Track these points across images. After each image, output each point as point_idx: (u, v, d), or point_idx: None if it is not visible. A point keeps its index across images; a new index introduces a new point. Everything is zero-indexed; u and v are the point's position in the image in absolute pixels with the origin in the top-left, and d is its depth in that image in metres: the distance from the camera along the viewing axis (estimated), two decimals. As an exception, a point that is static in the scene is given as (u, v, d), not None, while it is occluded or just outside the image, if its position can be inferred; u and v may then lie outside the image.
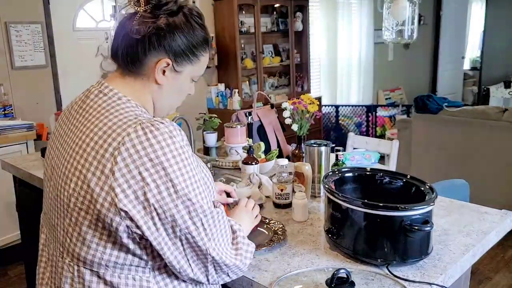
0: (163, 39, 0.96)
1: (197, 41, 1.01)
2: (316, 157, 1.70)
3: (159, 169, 0.87)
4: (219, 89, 4.73)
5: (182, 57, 1.00)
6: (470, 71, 8.81)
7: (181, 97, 1.09)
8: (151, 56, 0.98)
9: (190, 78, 1.06)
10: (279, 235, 1.34)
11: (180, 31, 0.98)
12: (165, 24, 0.96)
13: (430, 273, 1.13)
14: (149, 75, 1.00)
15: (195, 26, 1.00)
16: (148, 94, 1.02)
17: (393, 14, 2.67)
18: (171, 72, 1.01)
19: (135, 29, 0.96)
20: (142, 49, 0.97)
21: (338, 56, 6.09)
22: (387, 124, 5.85)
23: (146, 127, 0.89)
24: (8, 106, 3.32)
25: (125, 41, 0.98)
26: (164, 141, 0.88)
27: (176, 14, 0.98)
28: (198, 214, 0.91)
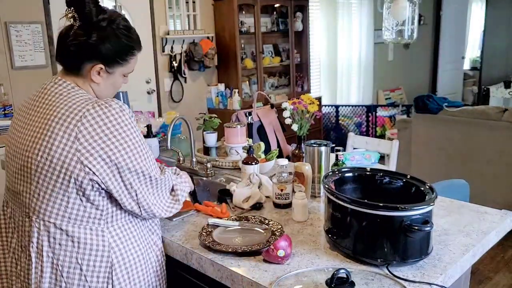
0: (95, 51, 1.20)
1: (124, 49, 1.25)
2: (316, 157, 1.70)
3: (116, 134, 1.14)
4: (219, 89, 4.73)
5: (112, 62, 1.24)
6: (470, 71, 8.81)
7: (116, 88, 1.34)
8: (87, 63, 1.21)
9: (122, 75, 1.30)
10: (277, 236, 1.33)
11: (109, 43, 1.21)
12: (96, 40, 1.19)
13: (430, 273, 1.13)
14: (86, 76, 1.24)
15: (122, 38, 1.23)
16: (88, 87, 1.26)
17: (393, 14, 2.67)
18: (105, 73, 1.25)
19: (71, 43, 1.18)
20: (78, 59, 1.21)
21: (338, 56, 6.09)
22: (387, 124, 5.85)
23: (101, 104, 1.15)
24: (8, 106, 3.32)
25: (64, 50, 1.21)
26: (116, 114, 1.15)
27: (106, 30, 1.20)
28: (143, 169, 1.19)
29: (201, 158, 2.21)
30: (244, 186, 1.67)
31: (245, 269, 1.18)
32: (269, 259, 1.20)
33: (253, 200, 1.61)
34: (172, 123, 1.98)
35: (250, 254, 1.25)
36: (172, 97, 4.50)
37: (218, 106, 4.70)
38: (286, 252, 1.19)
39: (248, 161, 1.84)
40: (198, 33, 4.52)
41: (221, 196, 1.70)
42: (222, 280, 1.22)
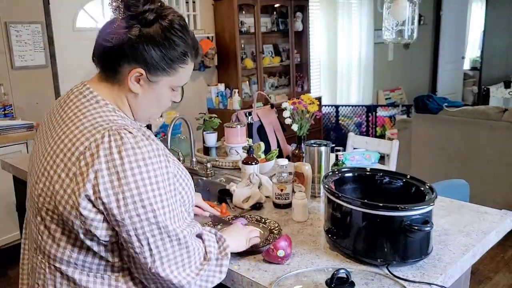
0: (134, 50, 0.95)
1: (173, 54, 0.98)
2: (316, 157, 1.70)
3: (114, 179, 0.87)
4: (219, 89, 4.73)
5: (156, 68, 0.98)
6: (470, 71, 8.81)
7: (161, 105, 1.06)
8: (124, 64, 0.97)
9: (169, 88, 1.03)
10: (275, 235, 1.34)
11: (153, 43, 0.95)
12: (137, 35, 0.94)
13: (430, 273, 1.13)
14: (124, 82, 0.99)
15: (172, 39, 0.97)
16: (125, 99, 1.01)
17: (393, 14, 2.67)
18: (146, 82, 0.99)
19: (108, 37, 0.95)
20: (113, 57, 0.97)
21: (338, 56, 6.09)
22: (387, 124, 5.85)
23: (112, 135, 0.89)
24: (8, 106, 3.32)
25: (99, 47, 0.98)
26: (125, 151, 0.88)
27: (152, 25, 0.95)
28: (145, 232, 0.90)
29: (201, 158, 2.21)
30: (244, 186, 1.67)
31: (245, 269, 1.18)
32: (269, 259, 1.20)
33: (253, 200, 1.61)
34: (172, 123, 1.98)
35: (249, 253, 1.25)
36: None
37: (218, 106, 4.69)
38: (286, 252, 1.19)
39: (248, 161, 1.84)
40: (198, 33, 4.51)
41: (221, 196, 1.70)
42: (222, 280, 1.22)
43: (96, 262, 0.95)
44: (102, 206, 0.88)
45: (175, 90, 1.06)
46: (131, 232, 0.89)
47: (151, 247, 0.91)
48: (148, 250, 0.91)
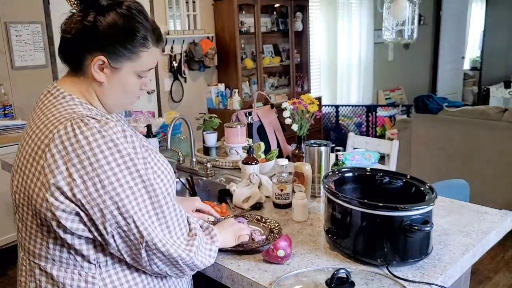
0: (93, 37, 0.95)
1: (131, 36, 0.97)
2: (316, 157, 1.70)
3: (86, 165, 0.87)
4: (219, 89, 4.73)
5: (117, 54, 0.97)
6: (470, 71, 8.81)
7: (128, 92, 1.05)
8: (86, 54, 0.97)
9: (134, 74, 1.02)
10: (275, 234, 1.34)
11: (111, 29, 0.95)
12: (93, 22, 0.95)
13: (430, 273, 1.13)
14: (88, 73, 0.99)
15: (130, 24, 0.97)
16: (92, 91, 1.02)
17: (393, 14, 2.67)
18: (109, 69, 0.99)
19: (67, 28, 0.97)
20: (74, 47, 0.98)
21: (338, 56, 6.09)
22: (387, 124, 5.85)
23: (75, 123, 0.89)
24: (8, 106, 3.32)
25: (61, 41, 1.00)
26: (92, 136, 0.88)
27: (108, 11, 0.96)
28: (128, 210, 0.90)
29: (201, 158, 2.21)
30: (244, 186, 1.67)
31: (245, 269, 1.18)
32: (269, 259, 1.20)
33: (253, 200, 1.61)
34: (172, 123, 1.98)
35: (249, 253, 1.25)
36: (172, 97, 4.50)
37: (218, 106, 4.70)
38: (286, 252, 1.19)
39: (248, 161, 1.84)
40: (198, 33, 4.52)
41: (221, 196, 1.70)
42: (222, 280, 1.22)
43: (72, 257, 0.95)
44: (80, 194, 0.87)
45: (143, 76, 1.05)
46: (114, 212, 0.89)
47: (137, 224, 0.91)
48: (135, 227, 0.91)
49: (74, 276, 0.96)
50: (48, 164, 0.88)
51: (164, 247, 0.94)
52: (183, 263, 0.98)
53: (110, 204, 0.89)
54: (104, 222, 0.90)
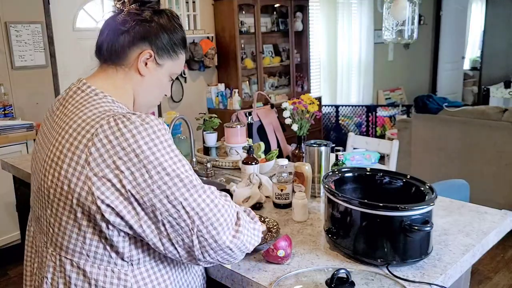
0: (147, 31, 1.03)
1: (177, 39, 1.08)
2: (316, 157, 1.70)
3: (132, 156, 0.89)
4: (219, 89, 4.73)
5: (163, 51, 1.06)
6: (470, 71, 8.81)
7: (161, 92, 1.14)
8: (135, 47, 1.04)
9: (168, 75, 1.12)
10: (273, 233, 1.33)
11: (162, 27, 1.05)
12: (150, 17, 1.04)
13: (430, 273, 1.13)
14: (132, 65, 1.05)
15: (175, 25, 1.08)
16: (129, 86, 1.07)
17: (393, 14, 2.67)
18: (153, 63, 1.06)
19: (122, 20, 1.03)
20: (127, 39, 1.03)
21: (338, 56, 6.09)
22: (387, 124, 5.85)
23: (118, 118, 0.92)
24: (8, 106, 3.32)
25: (111, 33, 1.04)
26: (135, 129, 0.91)
27: (160, 12, 1.06)
28: (177, 197, 0.91)
29: (201, 158, 2.21)
30: (244, 186, 1.67)
31: (245, 269, 1.18)
32: (269, 259, 1.20)
33: (253, 200, 1.61)
34: (172, 123, 1.98)
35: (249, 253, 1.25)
36: (172, 97, 4.50)
37: (218, 106, 4.70)
38: (286, 252, 1.19)
39: (248, 161, 1.84)
40: (198, 33, 4.52)
41: (221, 196, 1.70)
42: (222, 280, 1.22)
43: (107, 254, 0.96)
44: (130, 185, 0.89)
45: (171, 80, 1.14)
46: (164, 200, 0.91)
47: (187, 210, 0.92)
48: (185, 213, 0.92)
49: (107, 273, 0.97)
50: (93, 158, 0.90)
51: (215, 230, 0.94)
52: (236, 248, 0.99)
53: (159, 193, 0.91)
54: (155, 210, 0.91)
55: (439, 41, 7.67)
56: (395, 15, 2.65)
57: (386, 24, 2.72)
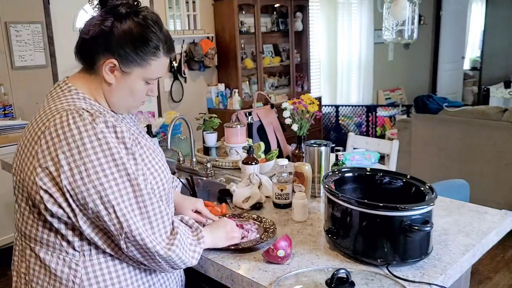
0: (108, 41, 1.01)
1: (145, 47, 1.03)
2: (316, 157, 1.70)
3: (75, 153, 0.93)
4: (219, 89, 4.73)
5: (128, 60, 1.03)
6: (470, 71, 8.81)
7: (135, 97, 1.10)
8: (100, 55, 1.03)
9: (142, 80, 1.07)
10: (269, 233, 1.34)
11: (126, 36, 1.01)
12: (110, 26, 1.00)
13: (430, 273, 1.13)
14: (99, 73, 1.05)
15: (144, 33, 1.02)
16: (101, 90, 1.07)
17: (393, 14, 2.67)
18: (119, 72, 1.04)
19: (86, 30, 1.03)
20: (90, 48, 1.03)
21: (338, 56, 6.09)
22: (387, 124, 5.85)
23: (70, 113, 0.95)
24: (8, 106, 3.32)
25: (79, 40, 1.06)
26: (83, 127, 0.94)
27: (125, 18, 1.02)
28: (111, 200, 0.94)
29: (201, 158, 2.21)
30: (244, 186, 1.67)
31: (245, 269, 1.18)
32: (269, 259, 1.20)
33: (253, 200, 1.61)
34: (172, 123, 1.98)
35: (244, 251, 1.25)
36: (172, 97, 4.50)
37: (218, 106, 4.70)
38: (286, 252, 1.19)
39: (248, 161, 1.84)
40: (198, 33, 4.52)
41: (221, 196, 1.70)
42: (222, 280, 1.22)
43: (58, 242, 1.00)
44: (66, 181, 0.93)
45: (150, 83, 1.10)
46: (97, 201, 0.93)
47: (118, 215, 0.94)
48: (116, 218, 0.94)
49: (59, 261, 1.01)
50: (41, 150, 0.94)
51: (142, 241, 0.97)
52: (161, 259, 1.01)
53: (94, 192, 0.93)
54: (87, 209, 0.94)
55: (439, 41, 7.67)
56: (395, 15, 2.65)
57: (386, 24, 2.72)
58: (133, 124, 1.20)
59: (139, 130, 1.19)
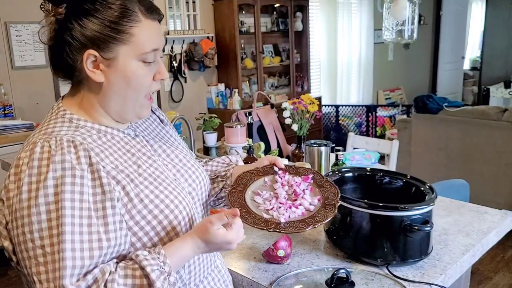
0: (70, 31, 0.83)
1: (111, 14, 0.83)
2: (316, 157, 1.70)
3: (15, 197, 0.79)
4: (219, 89, 4.73)
5: (104, 40, 0.83)
6: (470, 71, 8.81)
7: (135, 85, 0.88)
8: (74, 55, 0.85)
9: (137, 61, 0.86)
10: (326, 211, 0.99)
11: (85, 12, 0.83)
12: (65, 13, 0.84)
13: (430, 273, 1.13)
14: (85, 77, 0.87)
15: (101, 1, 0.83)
16: (93, 101, 0.89)
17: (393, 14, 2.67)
18: (104, 63, 0.85)
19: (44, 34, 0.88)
20: (60, 53, 0.86)
21: (338, 56, 6.09)
22: (387, 124, 5.85)
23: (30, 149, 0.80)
24: (8, 106, 3.32)
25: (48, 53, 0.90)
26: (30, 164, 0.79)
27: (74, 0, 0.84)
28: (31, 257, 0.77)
29: (201, 158, 2.21)
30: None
31: (245, 269, 1.18)
32: (269, 259, 1.20)
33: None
34: (172, 123, 1.98)
35: (248, 252, 1.25)
36: (172, 97, 4.50)
37: (218, 106, 4.70)
38: (286, 252, 1.19)
39: (248, 161, 1.83)
40: (198, 33, 4.52)
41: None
42: None
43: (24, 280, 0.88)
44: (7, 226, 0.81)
45: (148, 62, 0.88)
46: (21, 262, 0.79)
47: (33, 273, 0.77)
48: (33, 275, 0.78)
49: None
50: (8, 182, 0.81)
51: None
52: None
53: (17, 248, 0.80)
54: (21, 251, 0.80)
55: (439, 41, 7.67)
56: (395, 15, 2.65)
57: (386, 24, 2.72)
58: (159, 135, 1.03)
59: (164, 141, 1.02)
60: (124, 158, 0.89)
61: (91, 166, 0.81)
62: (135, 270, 0.80)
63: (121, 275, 0.79)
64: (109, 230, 0.81)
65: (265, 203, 1.00)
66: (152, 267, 0.80)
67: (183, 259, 0.87)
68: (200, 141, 2.41)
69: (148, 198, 0.87)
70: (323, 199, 1.00)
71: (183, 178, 0.99)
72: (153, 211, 0.87)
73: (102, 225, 0.80)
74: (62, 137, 0.82)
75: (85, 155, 0.81)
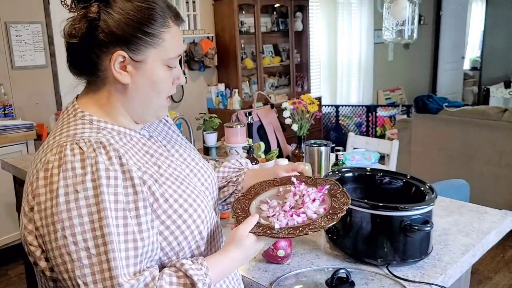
0: (102, 30, 0.82)
1: (149, 18, 0.84)
2: (316, 157, 1.70)
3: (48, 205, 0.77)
4: (219, 89, 4.73)
5: (136, 43, 0.83)
6: (470, 71, 8.81)
7: (160, 90, 0.89)
8: (101, 55, 0.84)
9: (163, 65, 0.88)
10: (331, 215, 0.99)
11: (120, 13, 0.82)
12: (97, 12, 0.82)
13: (430, 273, 1.13)
14: (109, 77, 0.86)
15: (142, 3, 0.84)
16: (116, 101, 0.88)
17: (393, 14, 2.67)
18: (132, 65, 0.85)
19: (72, 31, 0.85)
20: (84, 53, 0.85)
21: (338, 56, 6.09)
22: (387, 124, 5.85)
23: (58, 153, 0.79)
24: (8, 106, 3.32)
25: (69, 49, 0.88)
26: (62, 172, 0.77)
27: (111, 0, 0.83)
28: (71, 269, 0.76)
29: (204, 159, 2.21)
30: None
31: (245, 269, 1.18)
32: (269, 259, 1.20)
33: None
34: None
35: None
36: (172, 97, 4.49)
37: (218, 106, 4.70)
38: (286, 252, 1.19)
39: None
40: (198, 33, 4.52)
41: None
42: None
43: None
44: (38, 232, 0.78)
45: (172, 67, 0.89)
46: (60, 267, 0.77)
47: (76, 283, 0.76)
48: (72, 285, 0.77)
49: None
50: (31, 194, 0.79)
51: None
52: None
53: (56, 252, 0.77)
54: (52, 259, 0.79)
55: (439, 41, 7.67)
56: (395, 15, 2.65)
57: (386, 24, 2.72)
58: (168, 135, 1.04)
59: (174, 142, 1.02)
60: (145, 159, 0.89)
61: (122, 167, 0.81)
62: (179, 278, 0.82)
63: (167, 281, 0.81)
64: (143, 230, 0.81)
65: (268, 210, 1.00)
66: (198, 277, 0.82)
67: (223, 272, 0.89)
68: (200, 141, 2.41)
69: (172, 197, 0.88)
70: (330, 208, 0.97)
71: (196, 177, 1.00)
72: (178, 210, 0.88)
73: (136, 225, 0.80)
74: (90, 139, 0.81)
75: (116, 155, 0.81)
